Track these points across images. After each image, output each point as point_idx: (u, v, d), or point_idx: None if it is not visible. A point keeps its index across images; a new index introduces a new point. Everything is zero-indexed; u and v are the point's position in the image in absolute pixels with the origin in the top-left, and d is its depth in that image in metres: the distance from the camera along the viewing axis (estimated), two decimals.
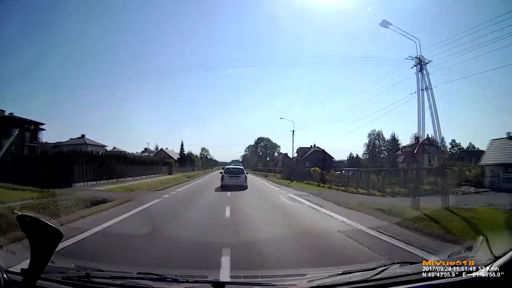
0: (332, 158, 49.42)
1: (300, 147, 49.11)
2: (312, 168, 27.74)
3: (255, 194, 15.53)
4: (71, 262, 2.49)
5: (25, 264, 1.36)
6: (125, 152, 34.30)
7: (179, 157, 59.19)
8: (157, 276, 1.98)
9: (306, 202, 11.65)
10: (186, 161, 58.91)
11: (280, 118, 34.68)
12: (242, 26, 55.60)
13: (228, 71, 72.47)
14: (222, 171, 18.81)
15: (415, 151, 46.30)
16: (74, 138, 33.72)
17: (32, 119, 25.71)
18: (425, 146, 46.28)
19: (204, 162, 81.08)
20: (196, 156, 70.54)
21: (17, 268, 1.59)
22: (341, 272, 2.04)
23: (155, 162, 34.10)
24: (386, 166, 41.08)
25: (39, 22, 35.73)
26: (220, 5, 44.72)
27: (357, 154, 56.15)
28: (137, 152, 49.89)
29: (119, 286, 1.71)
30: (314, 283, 1.79)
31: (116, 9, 42.31)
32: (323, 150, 47.69)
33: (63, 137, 34.32)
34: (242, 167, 19.64)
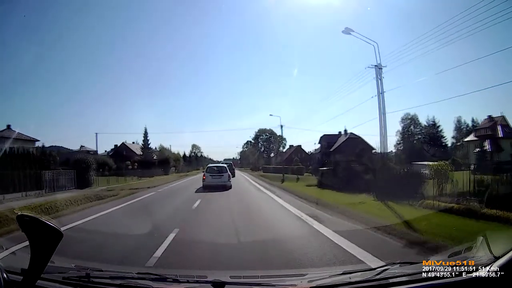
0: (373, 149, 33.27)
1: (324, 135, 36.41)
2: (435, 162, 12.40)
3: None
4: (71, 262, 2.49)
5: (25, 264, 1.36)
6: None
7: (141, 153, 41.24)
8: (157, 276, 1.99)
9: None
10: (151, 159, 39.72)
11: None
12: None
13: (222, 63, 71.03)
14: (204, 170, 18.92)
15: (498, 135, 33.06)
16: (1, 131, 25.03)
17: None
18: (504, 128, 33.90)
19: (194, 161, 65.37)
20: (176, 153, 52.12)
21: (17, 268, 1.59)
22: (341, 272, 2.05)
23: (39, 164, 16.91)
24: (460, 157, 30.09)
25: None
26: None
27: (414, 142, 42.12)
28: (105, 151, 40.47)
29: (119, 286, 1.71)
30: (314, 283, 1.79)
31: None
32: (359, 137, 33.70)
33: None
34: (225, 166, 19.45)
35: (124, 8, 46.39)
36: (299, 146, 51.63)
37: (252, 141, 68.91)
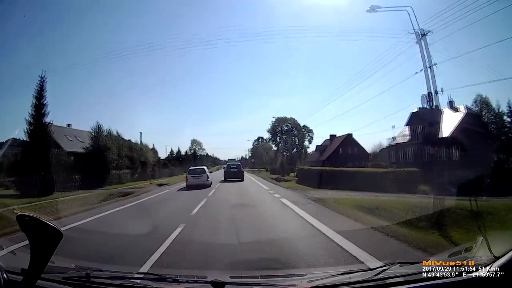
0: (492, 134, 22.80)
1: (420, 109, 18.42)
2: None
3: None
4: (71, 262, 2.49)
5: (25, 264, 1.36)
6: None
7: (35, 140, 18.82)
8: (157, 276, 2.00)
9: None
10: (43, 153, 17.74)
11: None
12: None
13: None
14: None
15: None
16: None
17: None
18: None
19: (191, 161, 49.08)
20: (143, 145, 33.00)
21: (17, 268, 1.59)
22: (341, 272, 2.04)
23: None
24: None
25: None
26: None
27: None
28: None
29: (119, 286, 1.71)
30: (314, 283, 1.79)
31: None
32: (479, 114, 23.53)
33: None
34: (204, 168, 21.07)
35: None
36: (350, 135, 33.00)
37: (268, 136, 50.96)
